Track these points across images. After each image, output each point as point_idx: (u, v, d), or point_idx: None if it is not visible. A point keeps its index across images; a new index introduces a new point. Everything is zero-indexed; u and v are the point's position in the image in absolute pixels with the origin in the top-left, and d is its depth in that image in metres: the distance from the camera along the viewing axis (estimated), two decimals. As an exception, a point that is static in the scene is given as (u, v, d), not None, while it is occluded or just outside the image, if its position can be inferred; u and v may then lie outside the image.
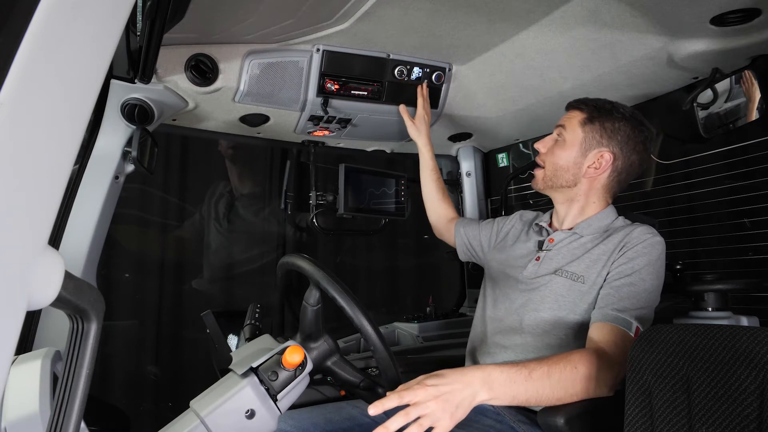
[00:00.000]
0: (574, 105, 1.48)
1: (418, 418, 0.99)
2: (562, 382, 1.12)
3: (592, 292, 1.32)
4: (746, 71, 1.49)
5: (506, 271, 1.52)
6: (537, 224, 1.56)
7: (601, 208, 1.47)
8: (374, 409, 0.99)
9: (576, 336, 1.31)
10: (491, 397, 1.07)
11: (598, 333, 1.24)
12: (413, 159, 1.92)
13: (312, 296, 1.09)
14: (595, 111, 1.44)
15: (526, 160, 2.40)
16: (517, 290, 1.45)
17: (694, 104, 1.63)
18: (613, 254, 1.34)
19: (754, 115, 1.57)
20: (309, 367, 1.08)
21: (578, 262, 1.37)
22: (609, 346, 1.20)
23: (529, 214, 1.68)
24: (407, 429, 0.98)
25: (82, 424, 0.71)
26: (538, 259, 1.46)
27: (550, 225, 1.53)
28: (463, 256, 1.82)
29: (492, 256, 1.63)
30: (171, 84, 1.51)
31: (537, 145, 1.50)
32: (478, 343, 1.52)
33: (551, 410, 1.13)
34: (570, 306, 1.33)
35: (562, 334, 1.33)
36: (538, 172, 1.50)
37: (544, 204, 1.83)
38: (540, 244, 1.50)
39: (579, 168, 1.43)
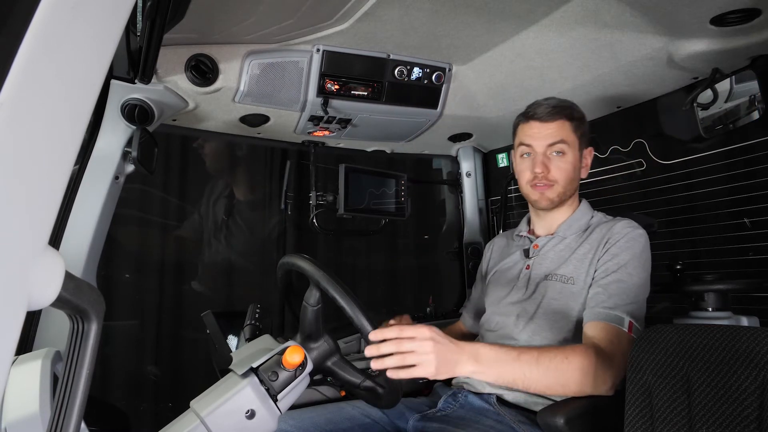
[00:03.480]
0: (554, 115, 1.42)
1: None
2: (552, 371, 1.13)
3: (584, 292, 1.33)
4: (746, 71, 1.49)
5: (499, 284, 1.53)
6: (518, 235, 1.58)
7: (577, 206, 1.49)
8: (374, 336, 1.00)
9: (574, 338, 1.32)
10: (476, 370, 1.09)
11: (592, 332, 1.24)
12: (413, 159, 1.92)
13: (312, 296, 1.09)
14: (575, 112, 1.45)
15: (526, 160, 2.39)
16: (510, 302, 1.46)
17: (694, 104, 1.63)
18: (597, 251, 1.35)
19: (754, 115, 1.57)
20: (309, 367, 1.08)
21: (566, 264, 1.38)
22: (604, 344, 1.20)
23: (504, 234, 1.74)
24: (393, 357, 1.00)
25: (82, 425, 0.71)
26: (528, 267, 1.47)
27: (531, 232, 1.54)
28: None
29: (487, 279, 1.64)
30: (171, 84, 1.51)
31: (538, 169, 1.41)
32: None
33: (551, 410, 1.13)
34: (565, 309, 1.34)
35: (561, 337, 1.33)
36: (549, 191, 1.42)
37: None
38: (526, 253, 1.51)
39: (578, 172, 1.46)
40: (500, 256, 1.63)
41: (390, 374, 1.03)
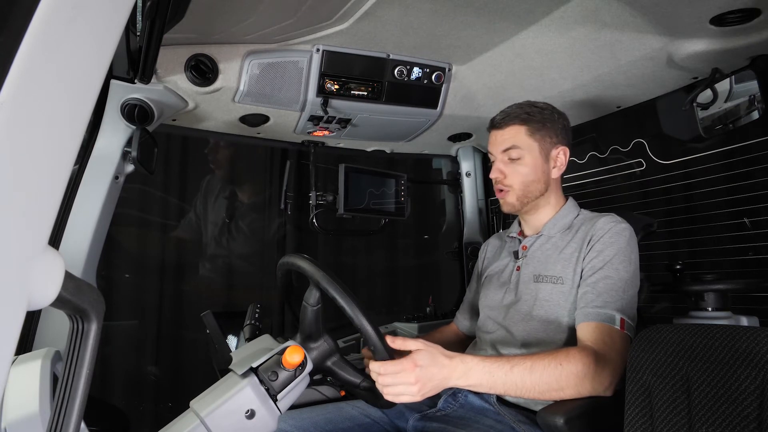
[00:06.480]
0: (508, 122, 1.45)
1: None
2: (545, 378, 1.14)
3: (573, 291, 1.33)
4: (746, 71, 1.50)
5: (492, 286, 1.54)
6: (509, 236, 1.59)
7: (561, 204, 1.49)
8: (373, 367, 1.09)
9: (570, 338, 1.32)
10: (467, 385, 1.14)
11: (584, 333, 1.24)
12: (413, 159, 1.92)
13: (312, 296, 1.09)
14: (533, 116, 1.45)
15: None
16: (503, 305, 1.46)
17: (694, 104, 1.63)
18: (582, 250, 1.35)
19: (754, 115, 1.57)
20: (309, 367, 1.08)
21: (554, 264, 1.39)
22: (598, 345, 1.20)
23: (499, 234, 1.74)
24: (378, 386, 1.09)
25: (82, 425, 0.71)
26: (518, 269, 1.47)
27: (521, 233, 1.55)
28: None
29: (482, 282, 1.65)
30: (171, 84, 1.51)
31: (494, 175, 1.46)
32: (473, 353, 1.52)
33: (551, 410, 1.13)
34: (557, 309, 1.34)
35: (556, 338, 1.33)
36: (508, 197, 1.45)
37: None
38: (516, 254, 1.51)
39: (546, 173, 1.45)
40: (493, 258, 1.64)
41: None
